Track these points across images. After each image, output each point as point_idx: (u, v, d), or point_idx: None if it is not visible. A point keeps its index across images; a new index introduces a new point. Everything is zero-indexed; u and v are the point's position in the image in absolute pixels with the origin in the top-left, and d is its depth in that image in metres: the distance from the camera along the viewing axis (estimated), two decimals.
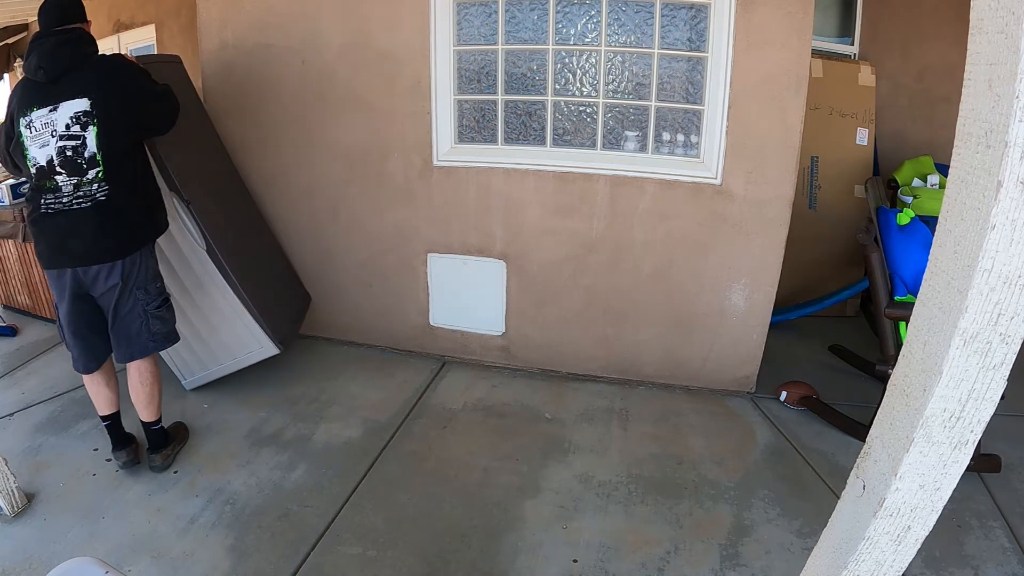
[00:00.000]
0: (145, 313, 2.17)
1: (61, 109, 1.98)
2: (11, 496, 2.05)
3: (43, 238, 2.07)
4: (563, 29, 2.59)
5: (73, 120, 1.98)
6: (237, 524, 2.06)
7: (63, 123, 1.98)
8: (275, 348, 2.71)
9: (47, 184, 2.01)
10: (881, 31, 3.50)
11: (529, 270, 2.89)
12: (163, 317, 2.23)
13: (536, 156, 2.74)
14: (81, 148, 1.99)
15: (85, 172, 2.00)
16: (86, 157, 2.00)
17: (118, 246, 2.08)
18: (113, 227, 2.06)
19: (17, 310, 3.57)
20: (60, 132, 1.98)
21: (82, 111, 1.99)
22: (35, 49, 2.00)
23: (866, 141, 3.42)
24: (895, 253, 2.30)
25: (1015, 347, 0.69)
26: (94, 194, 2.03)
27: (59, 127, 1.98)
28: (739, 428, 2.60)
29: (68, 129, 1.98)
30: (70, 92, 1.99)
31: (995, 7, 0.62)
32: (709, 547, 1.98)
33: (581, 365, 2.98)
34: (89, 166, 2.00)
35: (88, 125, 1.99)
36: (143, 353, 2.22)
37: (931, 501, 0.79)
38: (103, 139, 2.00)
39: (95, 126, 1.99)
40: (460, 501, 2.17)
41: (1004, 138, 0.61)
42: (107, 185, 2.03)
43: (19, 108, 2.02)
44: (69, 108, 1.98)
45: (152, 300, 2.19)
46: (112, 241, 2.06)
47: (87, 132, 1.99)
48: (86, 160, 2.00)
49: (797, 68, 2.38)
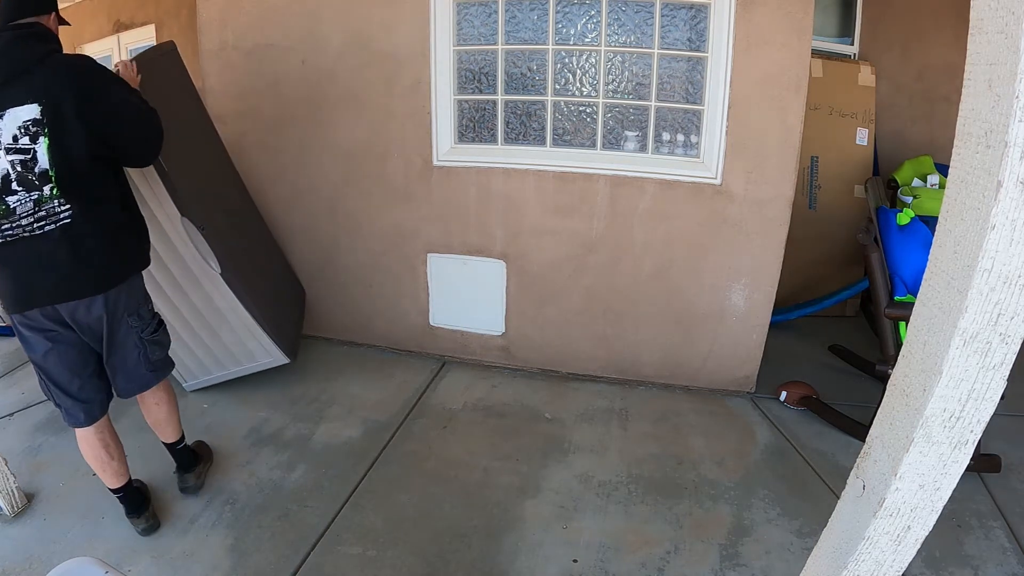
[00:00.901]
0: (141, 341, 1.93)
1: (8, 116, 1.67)
2: (11, 496, 2.05)
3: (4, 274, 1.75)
4: (563, 29, 2.59)
5: (21, 131, 1.68)
6: (237, 524, 2.06)
7: (9, 134, 1.68)
8: (285, 358, 2.70)
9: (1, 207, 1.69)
10: (881, 31, 3.50)
11: (529, 270, 2.89)
12: (160, 342, 2.01)
13: (536, 156, 2.74)
14: (31, 163, 1.69)
15: (40, 189, 1.70)
16: (37, 173, 1.70)
17: (96, 278, 1.80)
18: (88, 255, 1.77)
19: None
20: (6, 144, 1.68)
21: (31, 119, 1.68)
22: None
23: (866, 141, 3.42)
24: (895, 253, 2.30)
25: (1015, 347, 0.69)
26: (58, 214, 1.72)
27: (5, 138, 1.68)
28: (739, 428, 2.60)
29: (16, 141, 1.69)
30: (19, 97, 1.68)
31: (995, 7, 0.62)
32: (709, 547, 1.98)
33: (581, 365, 2.98)
34: (42, 182, 1.70)
35: (39, 136, 1.69)
36: (143, 387, 2.01)
37: (931, 501, 0.79)
38: (55, 152, 1.70)
39: (45, 136, 1.69)
40: (460, 501, 2.17)
41: (1004, 138, 0.61)
42: (67, 204, 1.73)
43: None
44: (18, 116, 1.68)
45: (147, 326, 1.94)
46: (90, 271, 1.78)
47: (37, 144, 1.69)
48: (37, 176, 1.70)
49: (797, 68, 2.38)
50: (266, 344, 2.64)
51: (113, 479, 2.00)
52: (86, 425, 1.93)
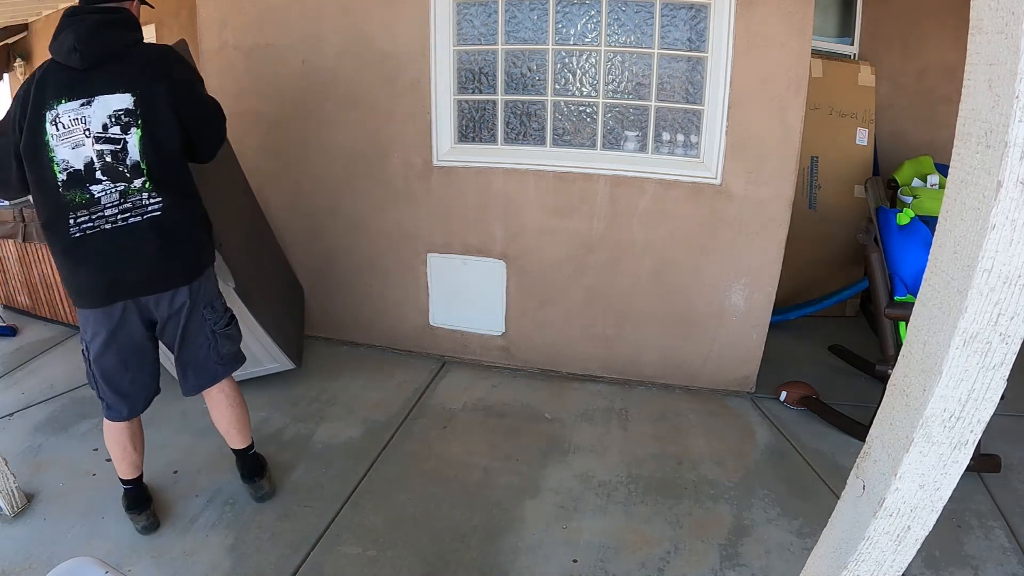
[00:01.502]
0: (213, 334, 1.91)
1: (97, 104, 1.63)
2: (11, 496, 2.05)
3: (83, 269, 1.69)
4: (563, 29, 2.59)
5: (112, 120, 1.64)
6: (237, 524, 2.06)
7: (99, 122, 1.63)
8: (292, 364, 2.70)
9: (76, 198, 1.64)
10: (881, 31, 3.50)
11: (529, 270, 2.89)
12: (231, 335, 1.97)
13: (536, 156, 2.74)
14: (121, 154, 1.65)
15: (130, 181, 1.67)
16: (128, 166, 1.67)
17: (184, 269, 1.79)
18: (177, 249, 1.76)
19: (17, 310, 3.57)
20: (96, 132, 1.63)
21: (123, 109, 1.64)
22: (69, 27, 1.63)
23: (866, 141, 3.42)
24: (895, 253, 2.30)
25: (1015, 347, 0.69)
26: (145, 206, 1.69)
27: (94, 126, 1.63)
28: (739, 428, 2.60)
29: (105, 130, 1.64)
30: (113, 84, 1.64)
31: (995, 7, 0.62)
32: (709, 547, 1.98)
33: (581, 365, 2.98)
34: (133, 175, 1.67)
35: (130, 127, 1.65)
36: (212, 381, 1.97)
37: (931, 501, 0.79)
38: (148, 144, 1.67)
39: (138, 128, 1.66)
40: (460, 501, 2.17)
41: (1004, 138, 0.61)
42: (159, 197, 1.70)
43: (40, 98, 1.62)
44: (109, 104, 1.64)
45: (220, 318, 1.92)
46: (179, 263, 1.78)
47: (128, 135, 1.65)
48: (129, 168, 1.67)
49: (797, 68, 2.38)
50: (273, 351, 2.64)
51: (129, 470, 1.99)
52: (126, 420, 1.92)
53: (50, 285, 3.33)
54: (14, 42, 5.86)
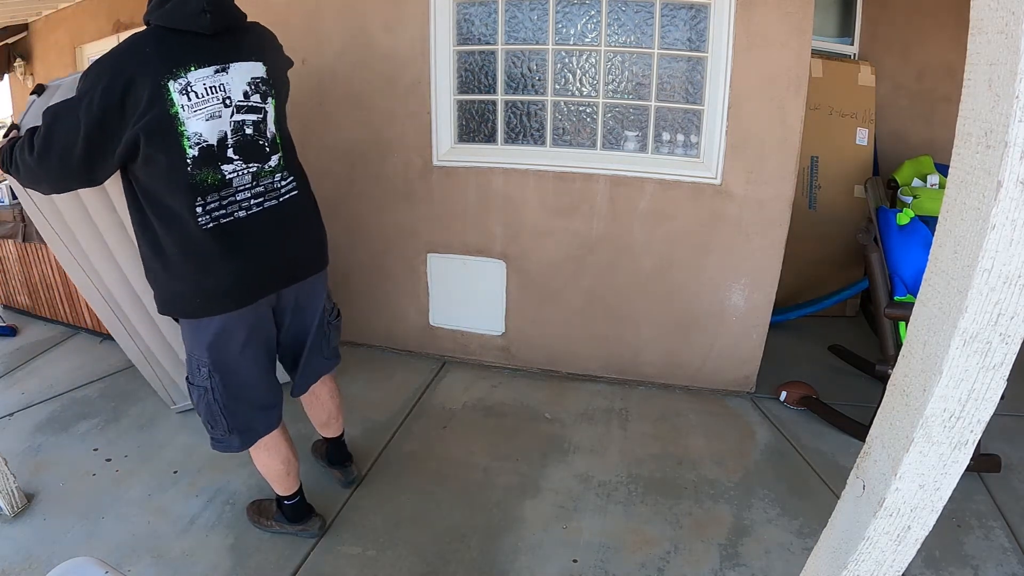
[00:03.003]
0: (329, 326, 1.84)
1: (233, 71, 1.46)
2: (11, 496, 2.05)
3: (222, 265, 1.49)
4: (563, 29, 2.59)
5: (251, 87, 1.50)
6: (237, 524, 2.06)
7: (240, 89, 1.47)
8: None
9: (207, 179, 1.45)
10: (881, 31, 3.50)
11: (529, 270, 2.89)
12: (339, 328, 1.92)
13: (536, 156, 2.74)
14: (262, 124, 1.52)
15: (267, 157, 1.53)
16: (268, 138, 1.54)
17: (321, 254, 1.72)
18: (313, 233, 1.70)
19: (17, 310, 3.57)
20: (237, 101, 1.46)
21: (260, 77, 1.52)
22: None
23: (866, 141, 3.42)
24: (895, 253, 2.30)
25: (1015, 347, 0.69)
26: (279, 189, 1.58)
27: (235, 94, 1.46)
28: (739, 428, 2.60)
29: (247, 98, 1.48)
30: (244, 51, 1.50)
31: (995, 7, 0.62)
32: (709, 547, 1.98)
33: (581, 365, 2.98)
34: (272, 150, 1.55)
35: (267, 96, 1.53)
36: (320, 375, 1.90)
37: (931, 501, 0.79)
38: (279, 117, 1.57)
39: (273, 99, 1.55)
40: (460, 501, 2.17)
41: (1004, 138, 0.61)
42: (291, 176, 1.61)
43: (159, 66, 1.38)
44: (244, 71, 1.49)
45: (333, 309, 1.86)
46: (315, 248, 1.71)
47: (267, 105, 1.53)
48: (268, 142, 1.54)
49: (797, 68, 2.38)
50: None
51: (294, 482, 1.90)
52: (269, 433, 1.75)
53: (50, 285, 3.33)
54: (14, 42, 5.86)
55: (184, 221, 1.45)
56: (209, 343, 1.57)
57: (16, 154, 1.45)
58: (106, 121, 1.36)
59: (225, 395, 1.62)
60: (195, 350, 1.59)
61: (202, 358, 1.59)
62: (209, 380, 1.60)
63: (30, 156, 1.41)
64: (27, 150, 1.42)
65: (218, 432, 1.68)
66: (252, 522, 2.05)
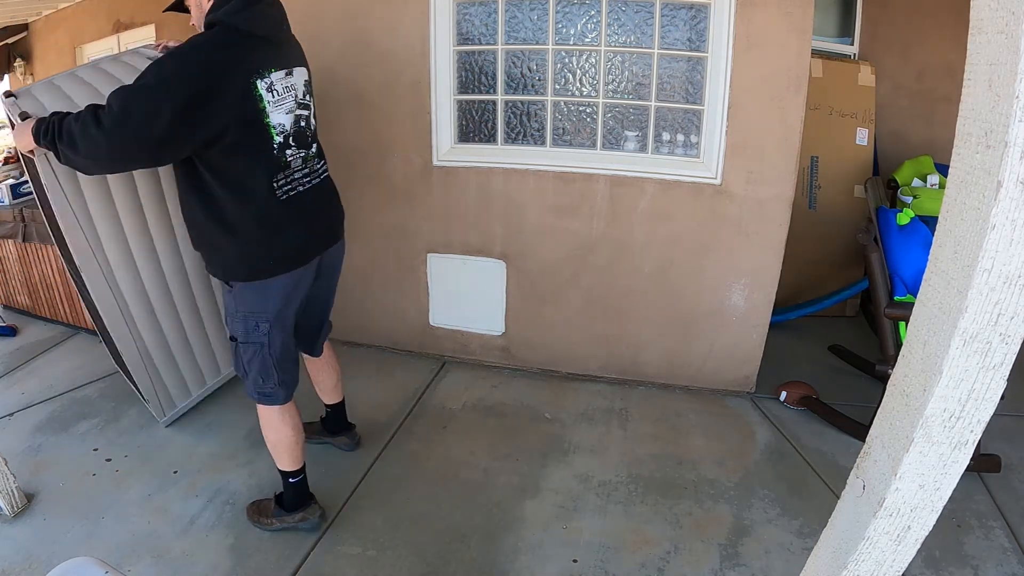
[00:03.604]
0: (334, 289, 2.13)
1: (295, 74, 1.77)
2: (11, 496, 2.05)
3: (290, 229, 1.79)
4: (563, 29, 2.58)
5: (305, 88, 1.82)
6: (237, 524, 2.06)
7: (300, 89, 1.79)
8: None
9: (282, 161, 1.74)
10: (881, 31, 3.50)
11: (529, 270, 2.89)
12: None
13: (536, 156, 2.74)
14: (311, 119, 1.85)
15: (310, 146, 1.84)
16: (312, 130, 1.86)
17: (343, 223, 2.05)
18: (339, 206, 2.02)
19: (17, 310, 3.57)
20: (299, 99, 1.78)
21: (307, 80, 1.84)
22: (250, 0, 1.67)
23: (866, 141, 3.42)
24: (895, 253, 2.30)
25: (1015, 347, 0.69)
26: (318, 171, 1.89)
27: (299, 94, 1.78)
28: (739, 428, 2.60)
29: (304, 96, 1.81)
30: (298, 58, 1.81)
31: (995, 7, 0.62)
32: (709, 547, 1.98)
33: (581, 365, 2.98)
34: (312, 140, 1.86)
35: (311, 95, 1.86)
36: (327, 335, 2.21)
37: (931, 501, 0.79)
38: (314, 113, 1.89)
39: (312, 99, 1.88)
40: (460, 501, 2.17)
41: (1004, 138, 0.61)
42: (322, 161, 1.93)
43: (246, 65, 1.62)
44: (301, 74, 1.80)
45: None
46: (341, 217, 2.03)
47: (311, 102, 1.86)
48: (312, 134, 1.86)
49: (797, 68, 2.38)
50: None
51: (302, 455, 2.02)
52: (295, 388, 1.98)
53: (50, 285, 3.33)
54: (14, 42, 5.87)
55: (262, 196, 1.71)
56: (275, 299, 1.81)
57: (74, 127, 1.55)
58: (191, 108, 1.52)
59: (279, 349, 1.87)
60: (256, 308, 1.81)
61: (264, 314, 1.81)
62: (268, 335, 1.83)
63: (97, 129, 1.53)
64: (92, 124, 1.53)
65: (268, 385, 1.89)
66: (253, 522, 2.06)
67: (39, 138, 1.63)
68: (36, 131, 1.63)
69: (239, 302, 1.81)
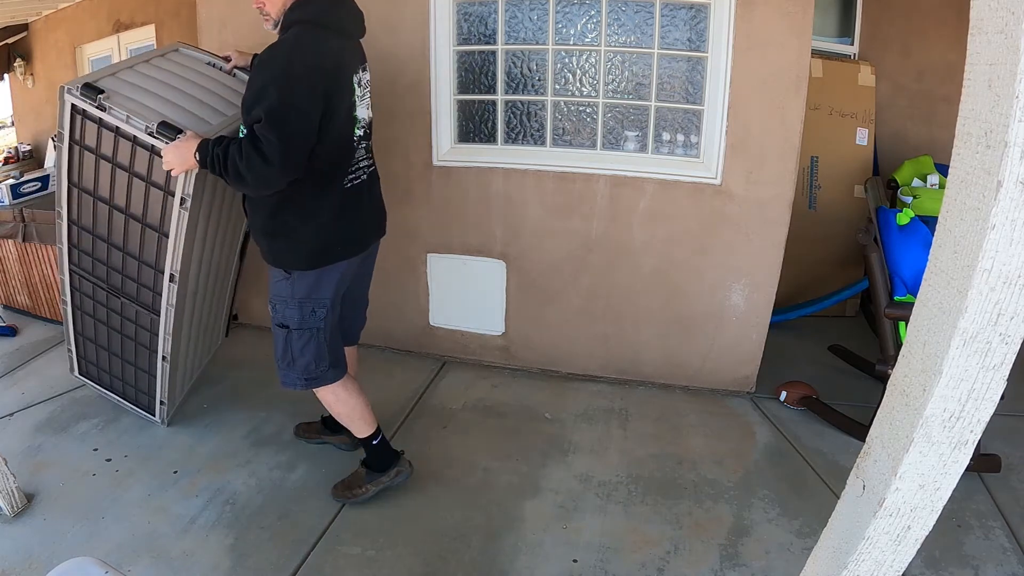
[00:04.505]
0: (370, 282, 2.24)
1: (368, 72, 1.92)
2: (11, 496, 2.05)
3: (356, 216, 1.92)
4: (563, 29, 2.59)
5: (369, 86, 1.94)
6: (237, 524, 2.06)
7: (369, 87, 1.94)
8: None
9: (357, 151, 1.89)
10: (881, 31, 3.50)
11: (529, 270, 2.89)
12: None
13: (536, 156, 2.74)
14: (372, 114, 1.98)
15: (368, 139, 1.95)
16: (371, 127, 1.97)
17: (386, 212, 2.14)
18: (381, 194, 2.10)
19: (17, 310, 3.57)
20: (369, 97, 1.93)
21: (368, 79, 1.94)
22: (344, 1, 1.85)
23: (866, 141, 3.42)
24: (895, 253, 2.30)
25: (1015, 347, 0.69)
26: (371, 163, 1.98)
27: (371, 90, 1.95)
28: (739, 428, 2.60)
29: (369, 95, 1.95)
30: (363, 58, 1.92)
31: (995, 7, 0.62)
32: (709, 547, 1.98)
33: (581, 365, 2.98)
34: (369, 136, 1.96)
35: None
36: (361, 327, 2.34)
37: (931, 501, 0.79)
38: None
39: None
40: (460, 501, 2.17)
41: (1004, 138, 0.61)
42: (372, 155, 2.00)
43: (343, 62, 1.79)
44: (368, 73, 1.93)
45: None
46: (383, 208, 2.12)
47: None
48: (369, 128, 1.96)
49: (797, 68, 2.38)
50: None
51: (374, 417, 2.11)
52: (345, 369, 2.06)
53: (50, 285, 3.33)
54: (14, 42, 5.86)
55: (337, 184, 1.83)
56: (336, 284, 1.91)
57: (240, 165, 1.65)
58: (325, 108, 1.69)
59: (332, 332, 1.96)
60: (315, 294, 1.88)
61: (322, 299, 1.90)
62: (324, 320, 1.91)
63: (265, 165, 1.63)
64: (258, 162, 1.63)
65: (321, 367, 1.96)
66: (344, 500, 2.12)
67: (206, 166, 1.74)
68: (203, 162, 1.74)
69: (296, 288, 1.87)
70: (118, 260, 2.22)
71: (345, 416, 2.07)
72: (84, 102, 1.94)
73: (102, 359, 2.53)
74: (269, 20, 1.80)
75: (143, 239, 2.13)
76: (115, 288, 2.29)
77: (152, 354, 2.34)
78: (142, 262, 2.17)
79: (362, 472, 2.14)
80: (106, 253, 2.22)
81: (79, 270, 2.31)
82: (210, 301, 2.58)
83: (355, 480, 2.14)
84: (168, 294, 2.17)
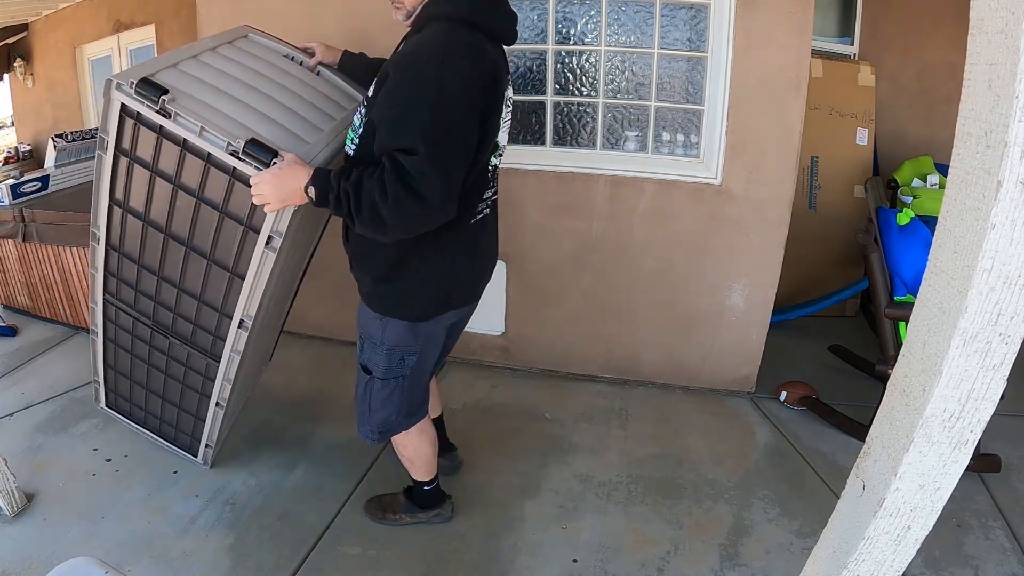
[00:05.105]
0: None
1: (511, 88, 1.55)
2: (11, 496, 2.05)
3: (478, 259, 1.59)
4: (563, 29, 2.59)
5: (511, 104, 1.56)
6: (237, 524, 2.06)
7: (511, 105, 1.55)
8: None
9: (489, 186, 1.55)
10: (881, 31, 3.50)
11: (529, 270, 2.88)
12: None
13: (536, 156, 2.74)
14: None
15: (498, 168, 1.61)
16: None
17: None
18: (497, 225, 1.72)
19: (17, 310, 3.56)
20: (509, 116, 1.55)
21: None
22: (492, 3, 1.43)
23: (866, 141, 3.42)
24: (895, 253, 2.30)
25: (1015, 347, 0.69)
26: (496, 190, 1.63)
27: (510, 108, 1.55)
28: (739, 428, 2.60)
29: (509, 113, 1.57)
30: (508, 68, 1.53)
31: (995, 7, 0.62)
32: (709, 547, 1.98)
33: (581, 365, 2.98)
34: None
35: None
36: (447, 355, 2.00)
37: (931, 501, 0.79)
38: None
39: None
40: (460, 501, 2.17)
41: (1004, 138, 0.61)
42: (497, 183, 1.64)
43: (500, 77, 1.42)
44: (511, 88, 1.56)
45: None
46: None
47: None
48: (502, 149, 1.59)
49: (797, 68, 2.38)
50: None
51: (434, 469, 1.94)
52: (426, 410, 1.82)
53: (50, 285, 3.33)
54: (14, 42, 5.86)
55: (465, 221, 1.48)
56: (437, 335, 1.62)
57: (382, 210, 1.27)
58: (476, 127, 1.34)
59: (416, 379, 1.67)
60: (407, 341, 1.58)
61: (412, 348, 1.59)
62: (412, 368, 1.62)
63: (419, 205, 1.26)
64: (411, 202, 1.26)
65: (399, 419, 1.71)
66: (376, 519, 2.03)
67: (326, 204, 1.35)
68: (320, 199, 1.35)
69: (388, 334, 1.57)
70: (170, 297, 1.82)
71: (407, 459, 1.89)
72: (141, 103, 1.45)
73: (136, 395, 2.22)
74: (401, 8, 1.44)
75: (207, 278, 1.72)
76: (163, 327, 1.90)
77: (203, 398, 2.01)
78: (203, 302, 1.78)
79: (402, 500, 2.01)
80: (155, 288, 1.81)
81: (116, 301, 1.92)
82: (267, 333, 2.25)
83: (393, 505, 2.03)
84: (234, 341, 1.81)
